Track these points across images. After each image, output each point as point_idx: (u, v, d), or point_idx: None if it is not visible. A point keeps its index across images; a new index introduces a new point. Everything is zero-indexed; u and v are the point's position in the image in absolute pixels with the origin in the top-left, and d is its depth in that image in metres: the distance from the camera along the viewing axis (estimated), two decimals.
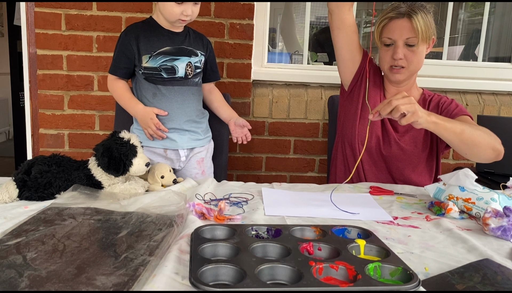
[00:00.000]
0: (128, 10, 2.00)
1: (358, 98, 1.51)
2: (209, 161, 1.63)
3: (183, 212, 0.96)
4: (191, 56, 1.48)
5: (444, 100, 1.46)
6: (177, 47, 1.46)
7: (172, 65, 1.44)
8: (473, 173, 1.11)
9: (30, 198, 1.06)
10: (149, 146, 1.49)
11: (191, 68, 1.47)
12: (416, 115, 1.10)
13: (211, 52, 1.58)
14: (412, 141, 1.45)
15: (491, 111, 2.19)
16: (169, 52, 1.45)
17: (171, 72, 1.45)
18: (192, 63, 1.48)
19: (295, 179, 2.20)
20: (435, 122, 1.16)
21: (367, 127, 1.48)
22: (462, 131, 1.19)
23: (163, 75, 1.44)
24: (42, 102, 2.05)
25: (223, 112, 1.62)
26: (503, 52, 2.82)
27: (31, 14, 1.98)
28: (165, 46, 1.44)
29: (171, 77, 1.45)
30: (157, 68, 1.44)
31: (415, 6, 1.37)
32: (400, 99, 1.10)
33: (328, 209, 1.09)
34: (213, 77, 1.62)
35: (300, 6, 3.21)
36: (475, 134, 1.21)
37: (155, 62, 1.43)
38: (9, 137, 5.58)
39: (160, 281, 0.66)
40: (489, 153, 1.24)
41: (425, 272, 0.75)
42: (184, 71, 1.46)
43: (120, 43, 1.46)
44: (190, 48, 1.48)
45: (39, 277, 0.65)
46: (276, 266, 0.70)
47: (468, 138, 1.18)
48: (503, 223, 0.93)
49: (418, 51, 1.38)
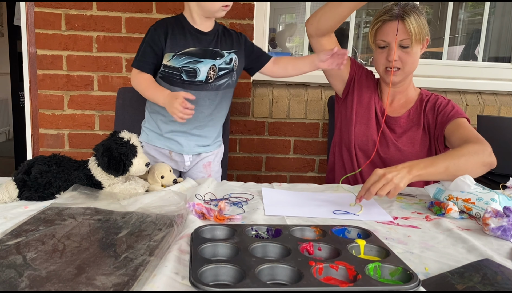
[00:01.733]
0: (128, 10, 2.00)
1: (352, 104, 1.52)
2: (217, 165, 1.57)
3: (183, 212, 0.96)
4: (216, 58, 1.39)
5: (440, 102, 1.45)
6: (203, 49, 1.37)
7: (195, 67, 1.36)
8: (471, 178, 1.11)
9: (30, 198, 1.06)
10: (155, 146, 1.47)
11: (214, 71, 1.38)
12: (398, 188, 1.09)
13: (246, 45, 1.48)
14: (410, 142, 1.45)
15: (491, 111, 2.19)
16: (194, 54, 1.36)
17: (192, 75, 1.36)
18: (216, 66, 1.39)
19: (295, 179, 2.20)
20: (418, 175, 1.14)
21: (363, 132, 1.48)
22: (446, 168, 1.17)
23: (183, 77, 1.36)
24: (42, 102, 2.05)
25: (302, 67, 1.49)
26: (503, 52, 2.82)
27: (31, 14, 1.98)
28: (191, 46, 1.36)
29: (190, 81, 1.37)
30: (178, 69, 1.36)
31: (407, 8, 1.37)
32: (377, 183, 1.08)
33: (328, 209, 1.09)
34: (264, 59, 1.51)
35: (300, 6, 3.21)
36: (459, 164, 1.18)
37: (178, 62, 1.35)
38: (9, 137, 5.59)
39: (160, 281, 0.66)
40: (480, 170, 1.22)
41: (425, 272, 0.75)
42: (206, 75, 1.37)
43: (148, 37, 1.37)
44: (216, 49, 1.39)
45: (39, 277, 0.65)
46: (276, 266, 0.70)
47: (453, 171, 1.17)
48: (503, 223, 0.93)
49: (413, 52, 1.38)
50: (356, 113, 1.51)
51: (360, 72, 1.54)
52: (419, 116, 1.46)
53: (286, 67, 1.52)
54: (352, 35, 2.23)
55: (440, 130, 1.41)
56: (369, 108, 1.50)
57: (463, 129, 1.34)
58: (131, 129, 1.20)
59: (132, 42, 2.03)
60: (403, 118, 1.48)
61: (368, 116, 1.49)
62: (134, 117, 1.66)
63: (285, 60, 1.52)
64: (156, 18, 2.01)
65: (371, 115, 1.49)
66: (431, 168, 1.16)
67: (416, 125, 1.46)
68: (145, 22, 2.02)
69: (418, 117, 1.47)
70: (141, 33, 2.03)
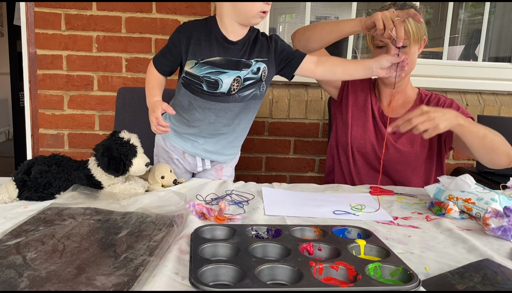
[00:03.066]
0: (128, 10, 2.00)
1: (348, 107, 1.51)
2: (230, 170, 1.50)
3: (183, 212, 0.96)
4: (242, 70, 1.25)
5: (443, 101, 1.45)
6: (228, 59, 1.25)
7: (217, 79, 1.24)
8: (472, 178, 1.11)
9: (30, 198, 1.06)
10: (172, 143, 1.43)
11: (238, 83, 1.26)
12: (437, 129, 1.10)
13: (276, 50, 1.30)
14: (409, 143, 1.44)
15: (491, 111, 2.19)
16: (217, 64, 1.24)
17: (213, 86, 1.25)
18: (241, 78, 1.26)
19: (295, 179, 2.20)
20: (461, 125, 1.16)
21: (361, 135, 1.48)
22: (484, 136, 1.19)
23: (203, 87, 1.26)
24: (42, 102, 2.05)
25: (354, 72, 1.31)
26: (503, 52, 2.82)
27: (31, 14, 1.98)
28: (215, 55, 1.24)
29: (210, 92, 1.26)
30: (199, 78, 1.25)
31: (405, 9, 1.35)
32: (419, 117, 1.11)
33: (328, 209, 1.09)
34: (296, 61, 1.30)
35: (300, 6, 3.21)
36: (495, 140, 1.21)
37: (200, 71, 1.24)
38: (9, 137, 5.58)
39: (160, 281, 0.66)
40: (504, 159, 1.24)
41: (425, 272, 0.75)
42: (229, 87, 1.25)
43: (170, 39, 1.28)
44: (243, 59, 1.26)
45: (39, 277, 0.65)
46: (276, 266, 0.70)
47: (489, 143, 1.18)
48: (503, 223, 0.92)
49: (411, 52, 1.38)
50: (352, 116, 1.50)
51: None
52: None
53: (335, 71, 1.31)
54: (352, 35, 2.23)
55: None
56: (365, 111, 1.49)
57: None
58: (131, 129, 1.19)
59: (132, 42, 2.03)
60: None
61: (365, 118, 1.49)
62: (134, 117, 1.66)
63: (333, 62, 1.32)
64: (156, 18, 2.03)
65: (368, 117, 1.48)
66: (474, 127, 1.19)
67: None
68: (145, 22, 2.02)
69: None
70: (141, 33, 2.03)
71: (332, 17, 4.09)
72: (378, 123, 1.47)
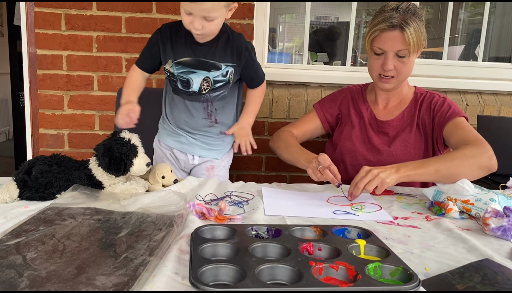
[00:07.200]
0: (128, 10, 2.00)
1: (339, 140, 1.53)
2: (223, 170, 1.53)
3: (183, 212, 0.96)
4: (211, 71, 1.35)
5: (436, 100, 1.43)
6: (197, 59, 1.34)
7: (188, 78, 1.36)
8: (469, 182, 1.10)
9: (30, 198, 1.06)
10: (164, 142, 1.51)
11: (208, 83, 1.36)
12: (385, 184, 1.12)
13: (248, 60, 1.39)
14: (403, 145, 1.43)
15: (491, 111, 2.19)
16: (188, 64, 1.35)
17: (185, 85, 1.37)
18: (211, 78, 1.36)
19: (295, 179, 2.20)
20: (407, 175, 1.16)
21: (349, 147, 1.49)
22: (436, 170, 1.17)
23: (178, 86, 1.39)
24: (42, 102, 2.05)
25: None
26: (503, 52, 2.83)
27: (31, 14, 1.98)
28: (186, 56, 1.34)
29: (185, 91, 1.39)
30: (175, 76, 1.38)
31: (407, 16, 1.32)
32: (364, 178, 1.12)
33: (328, 209, 1.09)
34: (251, 85, 1.48)
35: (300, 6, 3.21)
36: (451, 167, 1.18)
37: (175, 70, 1.36)
38: (9, 137, 5.58)
39: (160, 281, 0.66)
40: (477, 173, 1.21)
41: (425, 272, 0.75)
42: (199, 87, 1.36)
43: (150, 38, 1.40)
44: (212, 61, 1.34)
45: (39, 277, 0.65)
46: (276, 266, 0.70)
47: (444, 174, 1.17)
48: (503, 223, 0.93)
49: (409, 61, 1.36)
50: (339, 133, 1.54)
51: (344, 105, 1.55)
52: (413, 117, 1.44)
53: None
54: (352, 35, 2.23)
55: (438, 132, 1.39)
56: (362, 119, 1.50)
57: (461, 130, 1.32)
58: (131, 129, 1.20)
59: (132, 42, 2.03)
60: (397, 120, 1.46)
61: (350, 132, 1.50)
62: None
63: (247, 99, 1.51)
64: (156, 18, 2.03)
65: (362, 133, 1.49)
66: (420, 169, 1.18)
67: (409, 126, 1.44)
68: (145, 22, 2.02)
69: (412, 118, 1.45)
70: (141, 33, 2.03)
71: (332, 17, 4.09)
72: (368, 132, 1.47)
